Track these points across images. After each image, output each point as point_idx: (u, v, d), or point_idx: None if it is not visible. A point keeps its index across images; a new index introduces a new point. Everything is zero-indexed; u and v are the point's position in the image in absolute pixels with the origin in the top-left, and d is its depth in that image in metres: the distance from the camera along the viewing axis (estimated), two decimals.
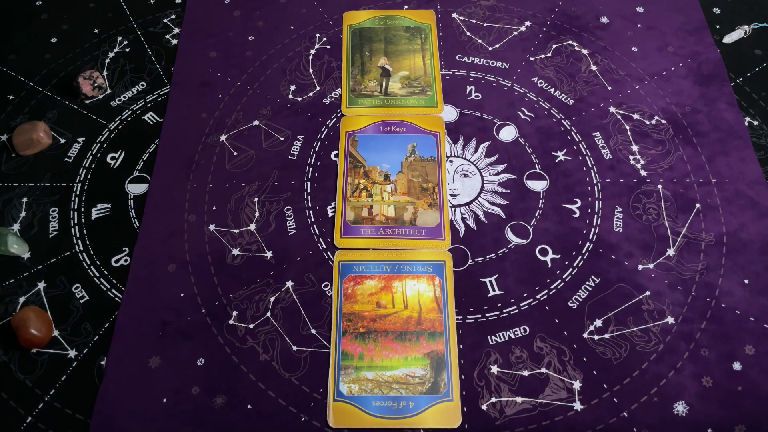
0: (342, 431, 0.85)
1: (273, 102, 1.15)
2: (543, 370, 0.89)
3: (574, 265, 0.97)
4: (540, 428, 0.85)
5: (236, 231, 1.01)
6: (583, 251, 0.99)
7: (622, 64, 1.19)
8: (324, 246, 0.99)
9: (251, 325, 0.93)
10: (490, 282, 0.96)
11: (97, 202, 1.05)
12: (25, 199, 1.05)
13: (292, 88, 1.17)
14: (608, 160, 1.07)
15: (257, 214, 1.03)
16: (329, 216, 1.02)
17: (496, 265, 0.98)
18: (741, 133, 1.10)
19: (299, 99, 1.15)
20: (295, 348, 0.91)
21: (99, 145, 1.11)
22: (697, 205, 1.02)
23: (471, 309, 0.94)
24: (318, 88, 1.16)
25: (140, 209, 1.03)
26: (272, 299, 0.95)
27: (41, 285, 0.97)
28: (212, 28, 1.25)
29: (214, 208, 1.03)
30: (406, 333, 0.91)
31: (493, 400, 0.87)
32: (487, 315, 0.93)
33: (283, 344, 0.91)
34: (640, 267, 0.97)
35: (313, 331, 0.92)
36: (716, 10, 1.27)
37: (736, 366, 0.89)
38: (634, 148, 1.09)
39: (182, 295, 0.95)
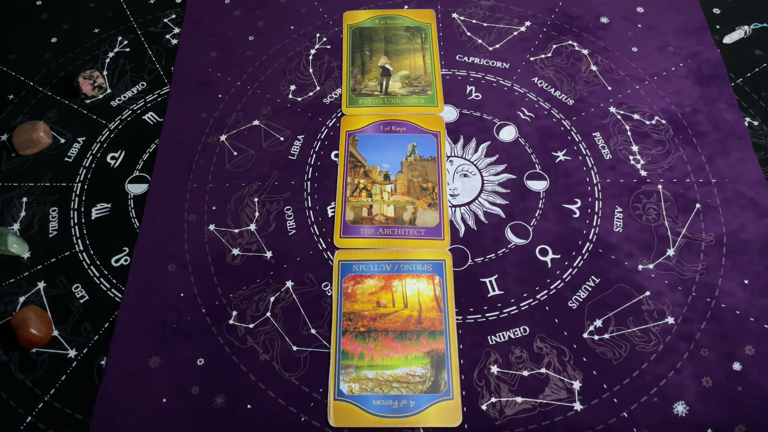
0: (342, 430, 0.85)
1: (273, 102, 1.15)
2: (543, 370, 0.89)
3: (574, 265, 0.97)
4: (540, 428, 0.85)
5: (236, 231, 1.01)
6: (583, 251, 0.99)
7: (622, 64, 1.19)
8: (324, 246, 0.99)
9: (251, 325, 0.93)
10: (490, 282, 0.96)
11: (97, 202, 1.05)
12: (25, 199, 1.05)
13: (292, 88, 1.17)
14: (608, 160, 1.07)
15: (257, 214, 1.03)
16: (329, 216, 1.02)
17: (496, 265, 0.98)
18: (741, 133, 1.10)
19: (299, 99, 1.15)
20: (295, 348, 0.91)
21: (99, 144, 1.11)
22: (697, 206, 1.02)
23: (471, 309, 0.94)
24: (318, 88, 1.16)
25: (140, 209, 1.03)
26: (272, 299, 0.95)
27: (41, 285, 0.97)
28: (212, 28, 1.25)
29: (214, 208, 1.03)
30: (406, 332, 0.91)
31: (493, 400, 0.87)
32: (487, 315, 0.93)
33: (283, 344, 0.91)
34: (640, 267, 0.97)
35: (313, 331, 0.92)
36: (716, 10, 1.27)
37: (736, 366, 0.89)
38: (634, 148, 1.09)
39: (182, 295, 0.95)
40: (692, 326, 0.92)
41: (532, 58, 1.20)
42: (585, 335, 0.92)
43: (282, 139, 1.10)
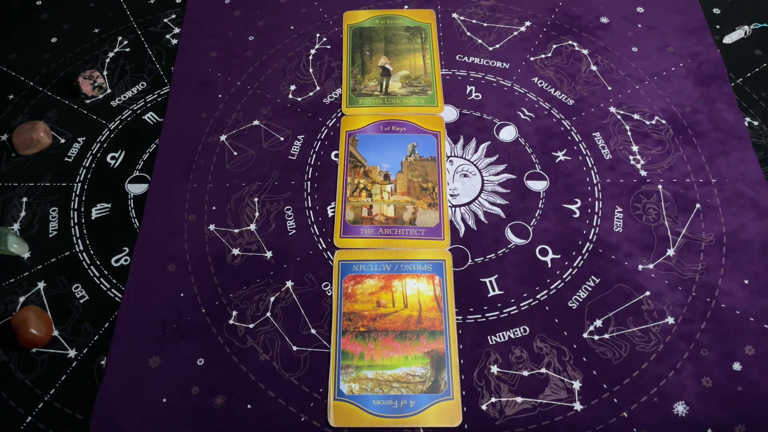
0: (342, 430, 0.85)
1: (273, 102, 1.15)
2: (543, 370, 0.89)
3: (574, 265, 0.98)
4: (540, 428, 0.85)
5: (236, 231, 1.01)
6: (583, 251, 0.99)
7: (622, 64, 1.19)
8: (324, 246, 0.99)
9: (251, 325, 0.93)
10: (490, 282, 0.96)
11: (97, 202, 1.05)
12: (25, 199, 1.05)
13: (292, 88, 1.17)
14: (608, 160, 1.07)
15: (257, 214, 1.03)
16: (329, 216, 1.02)
17: (496, 265, 0.98)
18: (741, 133, 1.10)
19: (299, 99, 1.15)
20: (295, 348, 0.91)
21: (99, 144, 1.11)
22: (697, 206, 1.03)
23: (471, 309, 0.94)
24: (318, 88, 1.17)
25: (140, 209, 1.03)
26: (272, 299, 0.95)
27: (41, 285, 0.97)
28: (212, 28, 1.25)
29: (214, 208, 1.03)
30: (406, 332, 0.91)
31: (493, 400, 0.87)
32: (487, 315, 0.93)
33: (283, 344, 0.91)
34: (640, 267, 0.97)
35: (313, 330, 0.92)
36: (716, 10, 1.27)
37: (736, 366, 0.89)
38: (634, 148, 1.09)
39: (182, 295, 0.95)
40: (692, 326, 0.92)
41: (532, 58, 1.20)
42: (585, 335, 0.92)
43: (282, 139, 1.10)
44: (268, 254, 0.99)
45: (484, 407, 0.86)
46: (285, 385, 0.88)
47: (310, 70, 1.19)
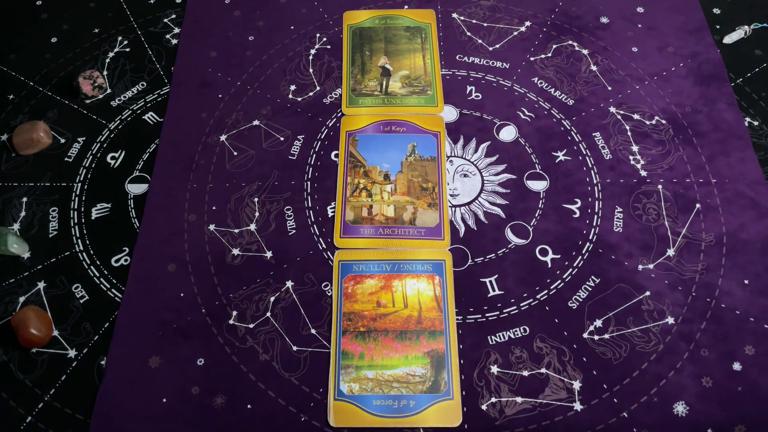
0: (342, 430, 0.85)
1: (273, 102, 1.15)
2: (543, 370, 0.89)
3: (574, 265, 0.98)
4: (540, 428, 0.85)
5: (236, 231, 1.01)
6: (583, 251, 0.99)
7: (622, 65, 1.19)
8: (324, 246, 0.99)
9: (251, 325, 0.93)
10: (490, 282, 0.96)
11: (97, 202, 1.05)
12: (25, 199, 1.05)
13: (292, 88, 1.17)
14: (608, 161, 1.07)
15: (257, 214, 1.03)
16: (329, 216, 1.02)
17: (496, 265, 0.98)
18: (741, 133, 1.10)
19: (299, 99, 1.15)
20: (295, 348, 0.91)
21: (99, 144, 1.11)
22: (697, 206, 1.03)
23: (471, 309, 0.94)
24: (318, 88, 1.17)
25: (140, 209, 1.03)
26: (272, 299, 0.95)
27: (41, 285, 0.97)
28: (212, 28, 1.25)
29: (214, 208, 1.03)
30: (406, 332, 0.91)
31: (493, 400, 0.87)
32: (487, 315, 0.93)
33: (283, 344, 0.91)
34: (640, 267, 0.97)
35: (313, 330, 0.92)
36: (716, 10, 1.27)
37: (736, 366, 0.89)
38: (634, 148, 1.09)
39: (182, 295, 0.95)
40: (692, 326, 0.92)
41: (532, 58, 1.20)
42: (585, 335, 0.92)
43: (282, 139, 1.10)
44: (268, 254, 0.99)
45: (484, 407, 0.86)
46: (285, 385, 0.88)
47: (310, 70, 1.19)
